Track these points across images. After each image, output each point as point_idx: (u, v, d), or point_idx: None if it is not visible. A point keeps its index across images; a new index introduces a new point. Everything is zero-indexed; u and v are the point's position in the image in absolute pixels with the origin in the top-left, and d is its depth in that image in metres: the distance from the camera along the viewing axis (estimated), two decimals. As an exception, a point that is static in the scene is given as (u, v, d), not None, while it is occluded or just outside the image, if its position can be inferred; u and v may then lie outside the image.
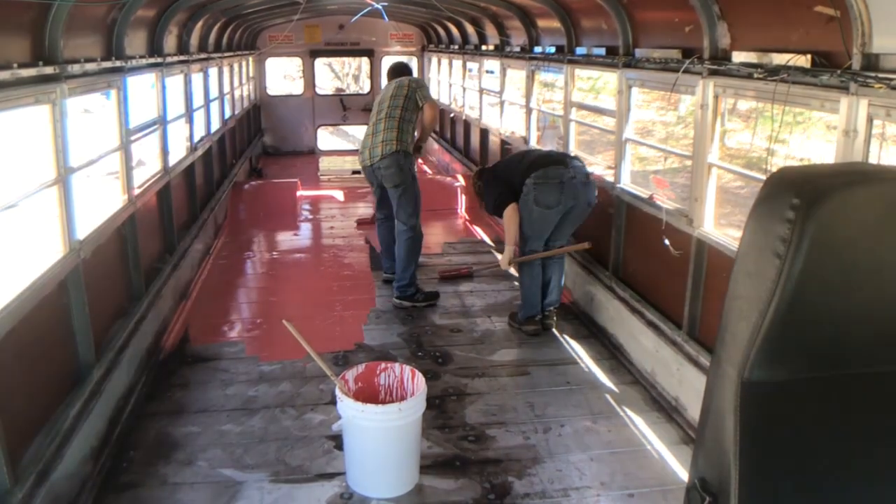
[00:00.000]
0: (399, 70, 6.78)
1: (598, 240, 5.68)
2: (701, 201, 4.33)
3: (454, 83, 12.32)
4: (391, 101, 6.15)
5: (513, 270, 5.77)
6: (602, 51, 5.79)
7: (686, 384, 4.29)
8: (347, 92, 23.03)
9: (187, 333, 5.64)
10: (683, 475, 3.70)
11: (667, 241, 4.64)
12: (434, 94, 14.39)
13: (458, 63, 11.74)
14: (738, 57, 3.88)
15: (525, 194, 5.31)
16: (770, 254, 1.08)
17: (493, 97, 9.51)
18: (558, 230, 5.43)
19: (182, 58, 7.00)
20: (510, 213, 5.41)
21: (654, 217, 4.86)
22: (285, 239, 8.67)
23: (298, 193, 9.71)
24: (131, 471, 3.83)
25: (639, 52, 5.12)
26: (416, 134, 6.28)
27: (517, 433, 4.20)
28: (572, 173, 5.25)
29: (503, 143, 8.99)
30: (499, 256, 5.97)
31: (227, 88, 10.06)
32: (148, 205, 5.70)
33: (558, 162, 5.37)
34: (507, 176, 5.52)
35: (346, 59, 24.68)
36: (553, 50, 6.96)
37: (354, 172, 13.00)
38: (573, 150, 6.75)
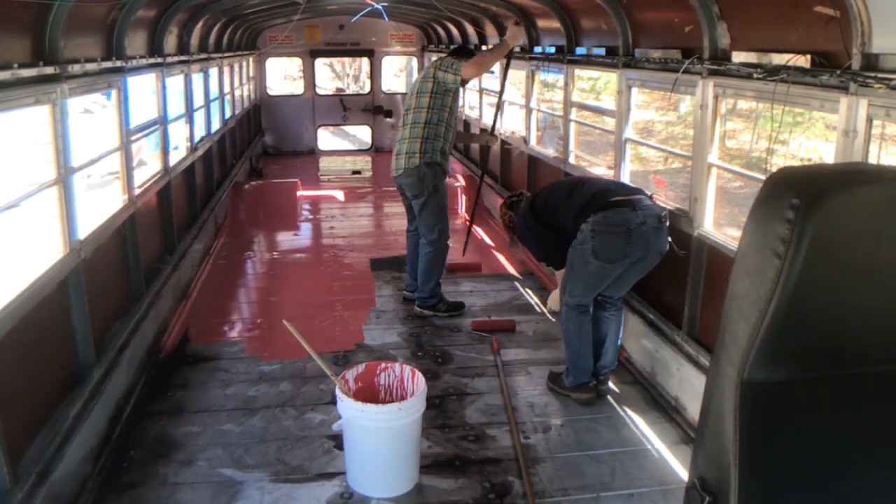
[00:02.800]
0: (454, 51, 5.90)
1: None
2: (701, 201, 4.34)
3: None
4: (417, 98, 5.61)
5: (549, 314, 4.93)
6: (602, 51, 5.79)
7: (686, 384, 4.29)
8: (348, 92, 23.03)
9: (187, 333, 5.64)
10: (683, 475, 3.71)
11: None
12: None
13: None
14: (738, 57, 3.88)
15: (581, 242, 4.23)
16: (770, 254, 1.08)
17: (493, 97, 9.50)
18: (619, 282, 4.40)
19: (182, 58, 7.00)
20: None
21: (654, 217, 4.86)
22: (285, 239, 8.67)
23: (298, 193, 9.71)
24: (131, 471, 3.83)
25: (638, 52, 5.12)
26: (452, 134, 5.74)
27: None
28: (641, 217, 4.13)
29: (503, 143, 8.99)
30: (553, 295, 5.29)
31: (227, 88, 10.05)
32: (148, 205, 5.70)
33: (623, 202, 4.21)
34: (553, 215, 4.50)
35: (346, 60, 24.68)
36: (553, 50, 6.96)
37: (354, 172, 13.00)
38: (573, 149, 6.75)
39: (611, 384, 4.70)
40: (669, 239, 4.32)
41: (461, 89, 5.71)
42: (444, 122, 5.59)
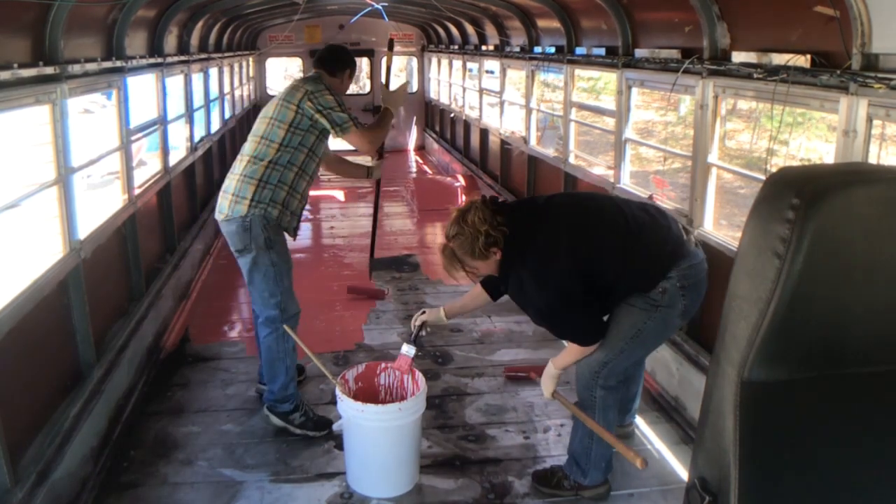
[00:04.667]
0: (321, 58, 4.36)
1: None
2: (701, 201, 4.34)
3: (454, 83, 12.32)
4: (269, 125, 3.98)
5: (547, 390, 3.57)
6: (602, 51, 5.79)
7: (686, 384, 4.29)
8: (347, 92, 23.01)
9: (187, 333, 5.64)
10: (683, 475, 3.70)
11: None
12: (434, 94, 14.50)
13: (458, 63, 11.74)
14: (738, 57, 3.88)
15: (665, 305, 3.12)
16: (770, 253, 1.08)
17: (493, 97, 9.51)
18: None
19: (182, 58, 7.00)
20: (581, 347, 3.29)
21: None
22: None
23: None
24: (131, 470, 3.83)
25: (638, 53, 5.12)
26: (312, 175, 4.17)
27: (517, 433, 4.20)
28: (702, 260, 3.27)
29: (503, 143, 9.00)
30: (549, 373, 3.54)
31: (227, 88, 10.06)
32: (148, 205, 5.70)
33: (682, 246, 3.21)
34: (600, 268, 3.13)
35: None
36: (553, 50, 6.97)
37: None
38: (573, 149, 6.75)
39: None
40: None
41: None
42: (296, 165, 3.98)
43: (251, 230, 3.91)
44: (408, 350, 3.71)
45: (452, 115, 12.46)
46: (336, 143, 4.33)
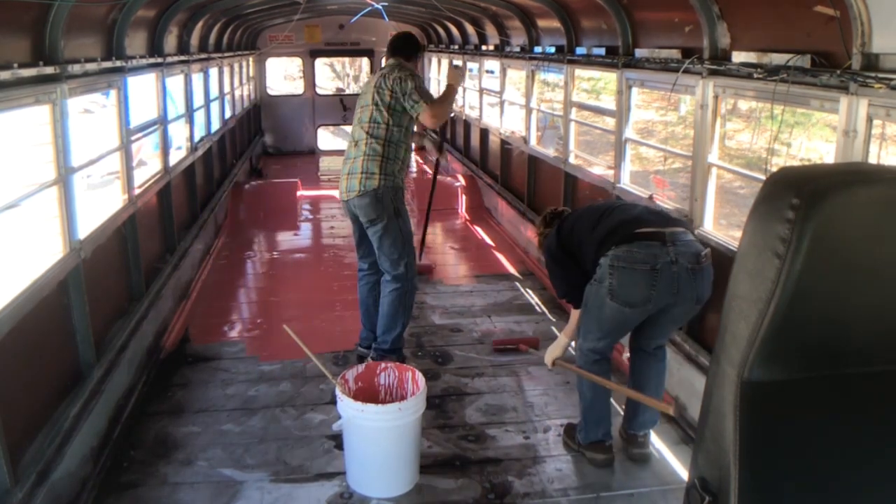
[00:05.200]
0: (395, 47, 4.91)
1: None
2: (701, 201, 4.34)
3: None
4: (373, 110, 4.62)
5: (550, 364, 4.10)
6: (602, 51, 5.79)
7: (686, 384, 4.29)
8: (347, 92, 23.03)
9: (187, 333, 5.64)
10: (683, 475, 3.70)
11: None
12: (434, 93, 14.39)
13: (457, 63, 11.74)
14: (738, 57, 3.88)
15: (598, 279, 3.55)
16: (770, 254, 1.08)
17: (493, 97, 9.52)
18: (653, 328, 3.73)
19: (182, 58, 7.00)
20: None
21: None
22: (285, 239, 8.67)
23: (299, 193, 9.72)
24: (131, 470, 3.83)
25: (639, 52, 5.12)
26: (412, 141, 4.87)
27: (517, 433, 4.20)
28: (672, 255, 3.39)
29: (503, 143, 9.00)
30: (551, 348, 4.12)
31: (227, 88, 10.06)
32: (148, 205, 5.70)
33: (653, 235, 3.47)
34: (577, 244, 3.75)
35: (346, 60, 24.67)
36: (553, 50, 6.97)
37: None
38: (573, 149, 6.75)
39: (654, 446, 4.00)
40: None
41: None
42: (403, 142, 4.67)
43: (383, 201, 4.58)
44: None
45: (452, 115, 12.46)
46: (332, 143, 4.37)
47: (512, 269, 7.33)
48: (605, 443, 3.84)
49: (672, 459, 3.96)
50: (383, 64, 4.83)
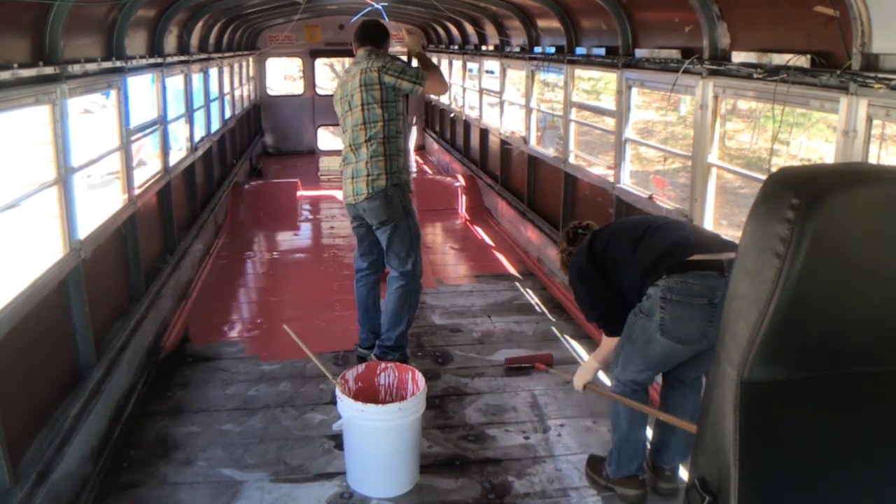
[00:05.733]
0: (366, 35, 4.72)
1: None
2: (700, 201, 4.34)
3: (454, 83, 12.32)
4: (364, 111, 4.50)
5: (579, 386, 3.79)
6: (602, 51, 5.79)
7: (686, 384, 4.29)
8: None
9: (187, 333, 5.64)
10: (683, 475, 3.70)
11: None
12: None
13: (458, 63, 11.75)
14: (738, 57, 3.88)
15: (647, 312, 3.17)
16: (770, 253, 1.08)
17: (493, 97, 9.52)
18: (696, 363, 3.37)
19: (182, 58, 7.00)
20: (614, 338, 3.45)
21: (654, 217, 4.86)
22: (285, 239, 8.67)
23: (298, 193, 9.72)
24: (131, 470, 3.83)
25: (638, 53, 5.12)
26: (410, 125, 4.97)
27: (517, 433, 4.20)
28: (710, 286, 3.08)
29: (503, 143, 9.00)
30: (581, 371, 3.79)
31: (227, 88, 10.06)
32: (148, 205, 5.70)
33: (709, 263, 3.09)
34: (613, 265, 3.37)
35: (346, 60, 24.68)
36: (553, 50, 6.97)
37: None
38: (573, 149, 6.75)
39: (680, 480, 3.66)
40: None
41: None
42: (400, 133, 4.64)
43: (392, 201, 4.56)
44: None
45: (452, 115, 12.46)
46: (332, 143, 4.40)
47: (512, 270, 7.33)
48: (639, 477, 3.53)
49: (672, 459, 3.95)
50: (355, 54, 4.69)
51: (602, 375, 4.09)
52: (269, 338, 5.53)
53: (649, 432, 3.64)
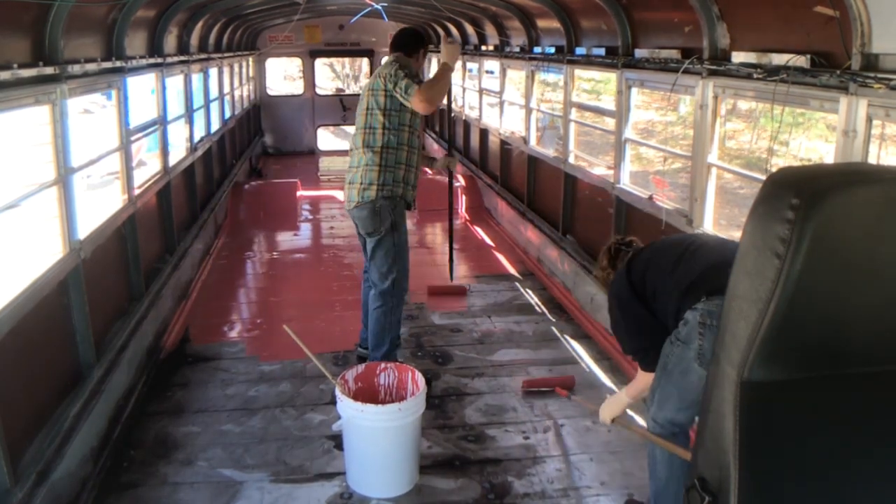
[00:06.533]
0: (395, 42, 4.69)
1: (597, 240, 5.68)
2: (700, 201, 4.34)
3: (454, 83, 12.30)
4: (367, 116, 4.44)
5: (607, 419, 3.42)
6: (602, 51, 5.79)
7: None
8: (347, 92, 23.03)
9: (187, 333, 5.64)
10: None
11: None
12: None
13: (457, 63, 11.73)
14: (738, 57, 3.88)
15: (682, 340, 2.87)
16: (770, 254, 1.08)
17: (493, 97, 9.52)
18: None
19: (182, 58, 7.00)
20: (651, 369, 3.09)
21: (653, 217, 4.86)
22: (285, 239, 8.67)
23: (298, 193, 9.72)
24: (131, 470, 3.83)
25: (638, 53, 5.12)
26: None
27: (517, 433, 4.20)
28: None
29: (503, 143, 9.00)
30: (607, 405, 3.45)
31: (227, 89, 10.06)
32: (148, 205, 5.70)
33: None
34: (652, 291, 3.05)
35: (346, 60, 24.66)
36: (553, 50, 6.97)
37: None
38: (573, 149, 6.75)
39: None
40: None
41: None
42: (404, 144, 4.45)
43: (380, 213, 4.43)
44: None
45: (452, 115, 12.43)
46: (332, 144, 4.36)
47: (512, 270, 7.33)
48: None
49: (672, 459, 3.95)
50: (383, 63, 4.74)
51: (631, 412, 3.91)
52: (269, 338, 5.53)
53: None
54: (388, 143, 4.41)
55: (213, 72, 8.98)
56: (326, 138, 16.89)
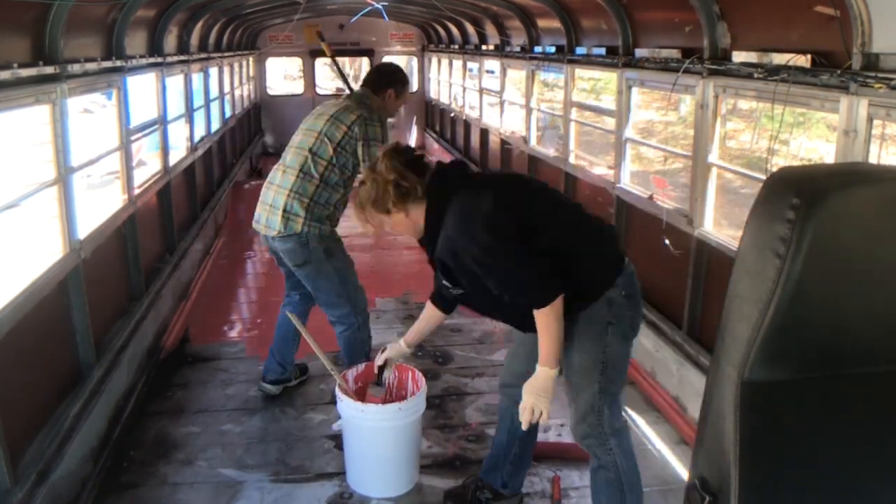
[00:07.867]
0: (367, 77, 4.46)
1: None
2: (701, 201, 4.34)
3: (454, 83, 12.32)
4: (318, 140, 3.98)
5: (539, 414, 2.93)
6: (602, 51, 5.79)
7: (686, 384, 4.29)
8: (347, 92, 23.01)
9: (187, 333, 5.64)
10: (683, 475, 3.70)
11: (667, 241, 4.64)
12: (434, 94, 14.47)
13: (458, 63, 11.74)
14: (738, 57, 3.88)
15: (614, 317, 2.63)
16: (770, 254, 1.08)
17: (493, 97, 9.51)
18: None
19: (182, 58, 7.00)
20: (558, 312, 2.61)
21: (653, 217, 4.86)
22: (285, 239, 8.66)
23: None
24: (131, 471, 3.83)
25: (639, 52, 5.12)
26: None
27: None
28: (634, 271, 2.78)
29: (503, 143, 9.00)
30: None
31: (227, 88, 10.06)
32: (148, 205, 5.70)
33: (620, 247, 2.84)
34: (531, 225, 2.61)
35: (346, 60, 24.65)
36: (553, 50, 6.97)
37: None
38: (573, 149, 6.74)
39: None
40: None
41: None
42: (340, 185, 4.02)
43: (309, 244, 3.99)
44: (376, 391, 3.57)
45: (452, 114, 12.45)
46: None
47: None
48: None
49: (672, 459, 3.96)
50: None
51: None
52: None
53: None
54: (329, 179, 3.97)
55: (214, 71, 8.98)
56: (327, 138, 16.88)
